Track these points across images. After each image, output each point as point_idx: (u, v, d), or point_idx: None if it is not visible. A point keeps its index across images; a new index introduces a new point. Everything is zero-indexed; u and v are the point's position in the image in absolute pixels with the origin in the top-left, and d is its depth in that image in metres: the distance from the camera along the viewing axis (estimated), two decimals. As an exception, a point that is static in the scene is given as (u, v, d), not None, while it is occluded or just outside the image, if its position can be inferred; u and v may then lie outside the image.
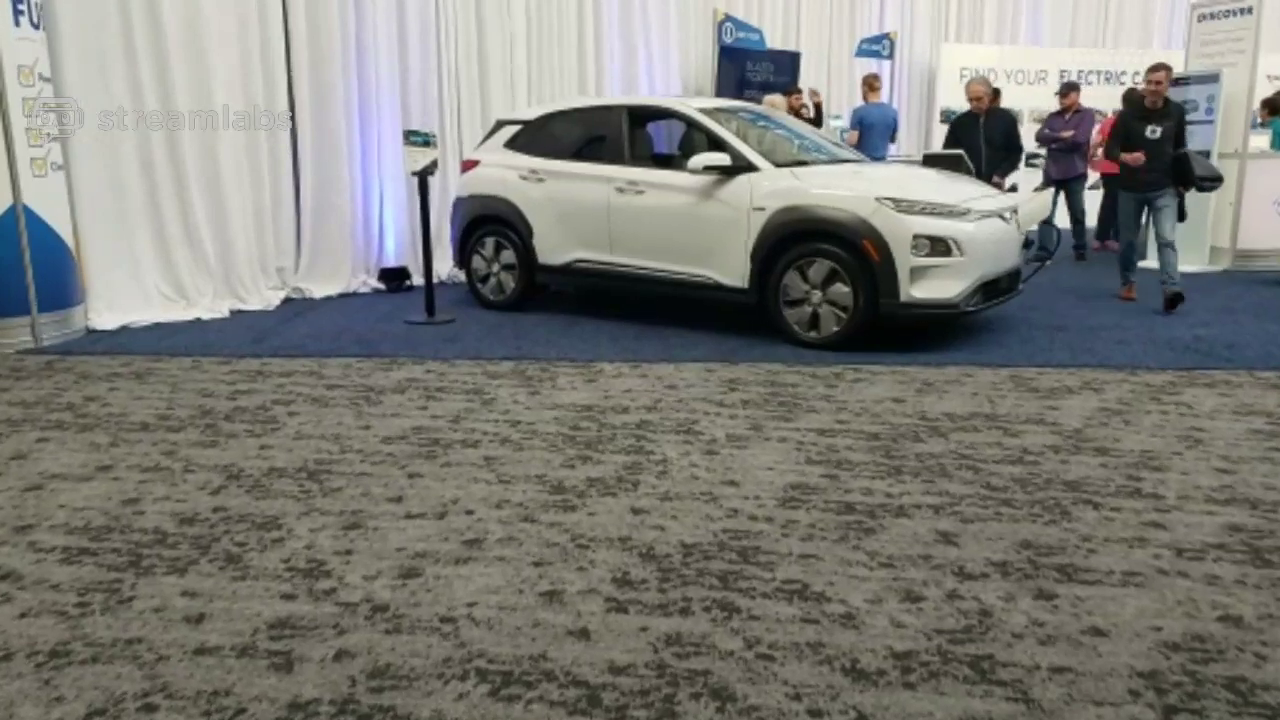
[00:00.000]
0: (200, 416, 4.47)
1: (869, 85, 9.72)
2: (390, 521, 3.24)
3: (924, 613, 2.57)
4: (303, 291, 7.73)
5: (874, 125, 9.47)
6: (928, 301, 5.45)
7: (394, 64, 8.10)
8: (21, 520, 3.27)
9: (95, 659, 2.38)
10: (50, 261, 5.97)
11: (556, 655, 2.38)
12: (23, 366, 5.46)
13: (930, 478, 3.61)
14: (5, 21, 5.59)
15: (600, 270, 6.65)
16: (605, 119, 6.78)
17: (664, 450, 3.94)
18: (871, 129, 9.45)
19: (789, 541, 3.04)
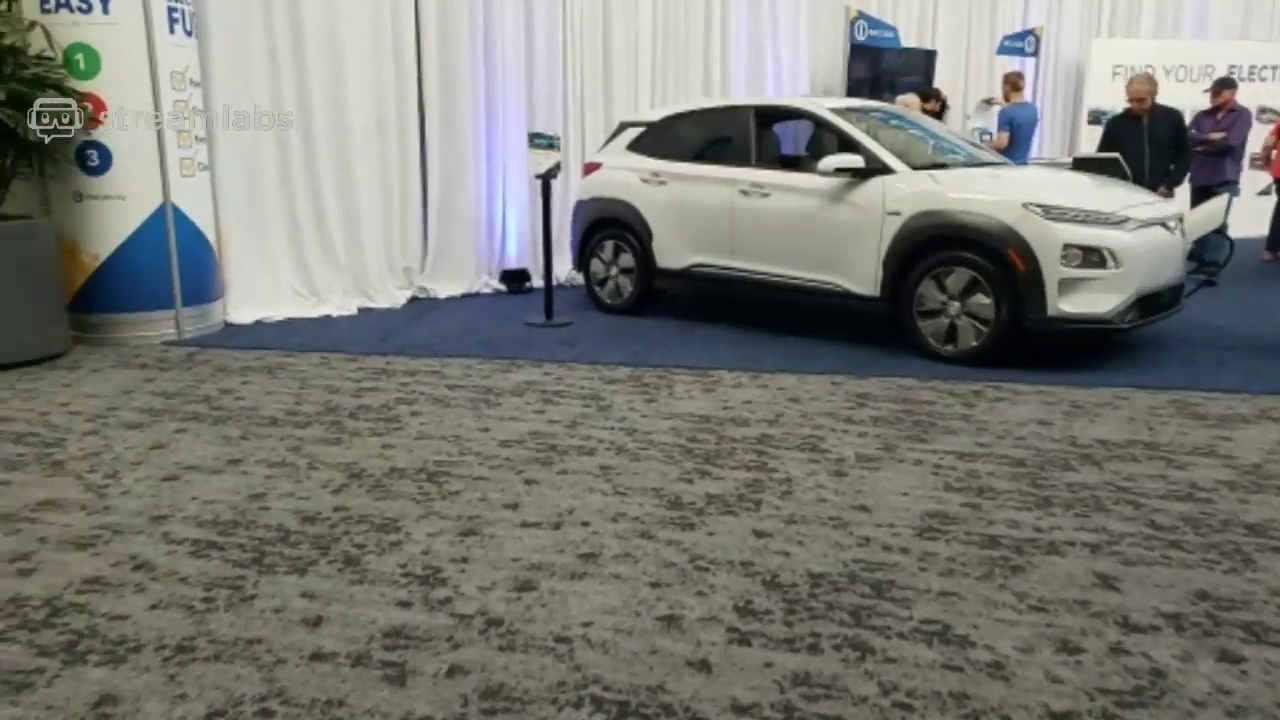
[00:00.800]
0: (326, 413, 4.53)
1: (1012, 84, 9.27)
2: (506, 529, 3.18)
3: (1084, 667, 2.34)
4: (427, 291, 7.84)
5: (1023, 126, 9.03)
6: (1078, 316, 5.10)
7: (520, 67, 8.15)
8: (158, 510, 3.34)
9: (217, 657, 2.38)
10: (194, 258, 6.20)
11: (675, 687, 2.26)
12: (166, 358, 5.67)
13: (1084, 511, 3.33)
14: (161, 29, 5.83)
15: (721, 275, 6.50)
16: (731, 120, 6.63)
17: (788, 468, 3.77)
18: (1020, 130, 9.00)
19: (927, 576, 2.83)
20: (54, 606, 2.64)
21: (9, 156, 5.47)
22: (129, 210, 5.89)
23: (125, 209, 5.88)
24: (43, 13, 5.59)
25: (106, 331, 5.99)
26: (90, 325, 5.99)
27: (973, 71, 11.09)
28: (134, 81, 5.77)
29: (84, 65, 5.66)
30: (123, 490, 3.53)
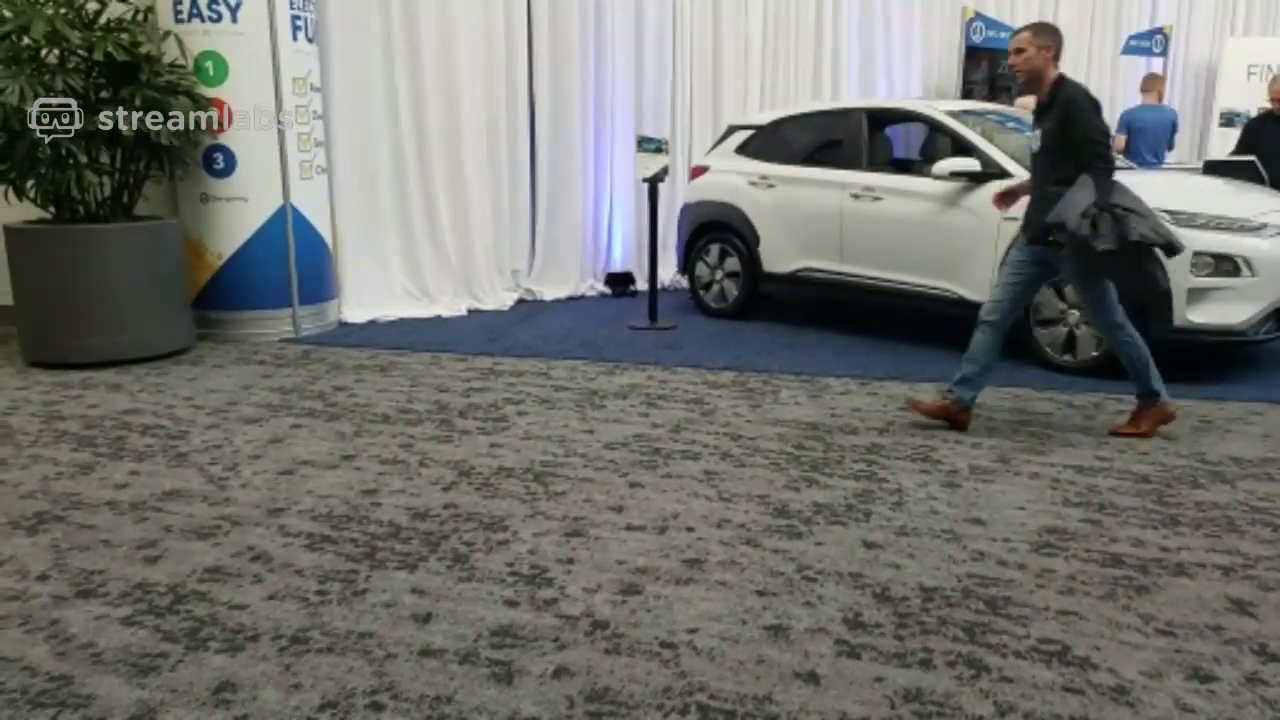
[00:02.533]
0: (436, 411, 4.62)
1: (1142, 86, 8.87)
2: (611, 532, 3.18)
3: (1217, 697, 2.20)
4: (534, 293, 7.94)
5: (1144, 129, 8.61)
6: (1208, 327, 4.84)
7: (630, 70, 8.19)
8: (274, 503, 3.45)
9: (330, 649, 2.44)
10: (312, 258, 6.41)
11: (782, 698, 2.21)
12: (284, 355, 5.87)
13: (1215, 532, 3.15)
14: (285, 36, 6.05)
15: (829, 280, 6.40)
16: (841, 123, 6.53)
17: (898, 479, 3.67)
18: (1141, 133, 8.59)
19: (1045, 594, 2.71)
20: (178, 594, 2.75)
21: (143, 160, 5.75)
22: (251, 211, 6.13)
23: (247, 210, 6.13)
24: (176, 23, 5.88)
25: (228, 328, 6.24)
26: (213, 322, 6.25)
27: (1095, 73, 10.66)
28: (258, 87, 6.01)
29: (213, 72, 5.93)
30: (242, 483, 3.66)
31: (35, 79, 5.15)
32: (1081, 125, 3.91)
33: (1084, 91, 3.99)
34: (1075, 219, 3.78)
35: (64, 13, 5.30)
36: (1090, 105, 3.93)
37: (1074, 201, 3.84)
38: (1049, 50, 4.04)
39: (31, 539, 3.13)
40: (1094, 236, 3.75)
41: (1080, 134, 3.91)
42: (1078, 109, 3.92)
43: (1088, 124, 3.90)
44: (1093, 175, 3.86)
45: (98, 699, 2.22)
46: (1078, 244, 3.79)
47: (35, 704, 2.20)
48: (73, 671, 2.34)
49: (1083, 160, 3.91)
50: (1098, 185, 3.83)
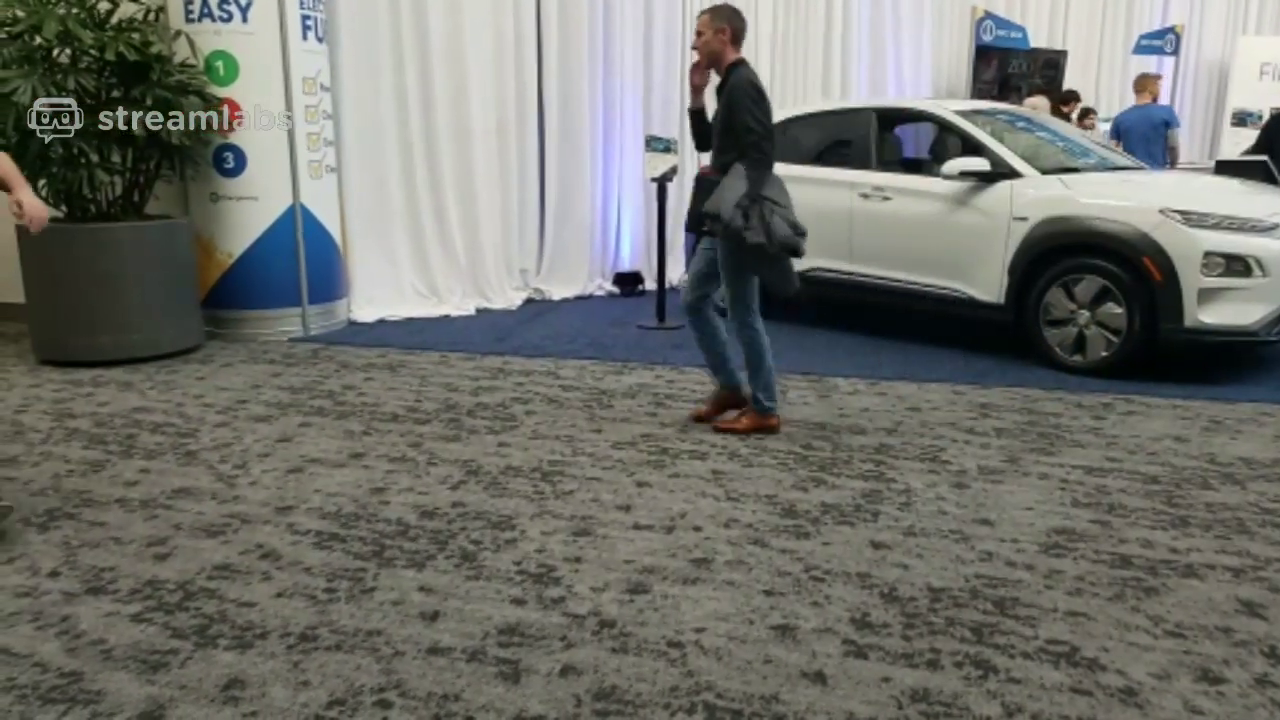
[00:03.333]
0: (445, 410, 4.63)
1: (1134, 86, 8.81)
2: (619, 531, 3.18)
3: (1227, 699, 2.19)
4: (542, 293, 7.95)
5: (1130, 130, 8.57)
6: (1219, 328, 4.82)
7: (639, 70, 8.19)
8: (283, 501, 3.46)
9: (339, 647, 2.45)
10: (321, 257, 6.43)
11: (790, 698, 2.21)
12: (293, 354, 5.89)
13: (1225, 533, 3.13)
14: (295, 36, 6.07)
15: (838, 280, 6.39)
16: (850, 122, 6.52)
17: (907, 479, 3.67)
18: (1128, 135, 8.55)
19: (1053, 595, 2.71)
20: (187, 591, 2.76)
21: (154, 159, 5.78)
22: (261, 211, 6.15)
23: (257, 209, 6.15)
24: (187, 22, 5.90)
25: (237, 327, 6.26)
26: (222, 321, 6.27)
27: (1105, 72, 10.62)
28: (269, 87, 6.03)
29: (223, 72, 5.95)
30: (251, 481, 3.68)
31: (47, 79, 5.18)
32: (740, 113, 3.85)
33: (749, 79, 3.89)
34: (729, 210, 3.80)
35: (76, 13, 5.32)
36: (752, 94, 3.84)
37: (726, 192, 3.85)
38: (724, 33, 3.99)
39: (43, 536, 3.15)
40: (745, 228, 3.77)
41: (739, 122, 3.85)
42: (739, 96, 3.85)
43: (747, 112, 3.82)
44: (747, 165, 3.85)
45: (108, 695, 2.23)
46: (730, 234, 3.82)
47: (46, 700, 2.21)
48: (83, 668, 2.35)
49: (742, 149, 3.88)
50: (751, 176, 3.83)
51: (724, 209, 3.81)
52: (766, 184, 3.84)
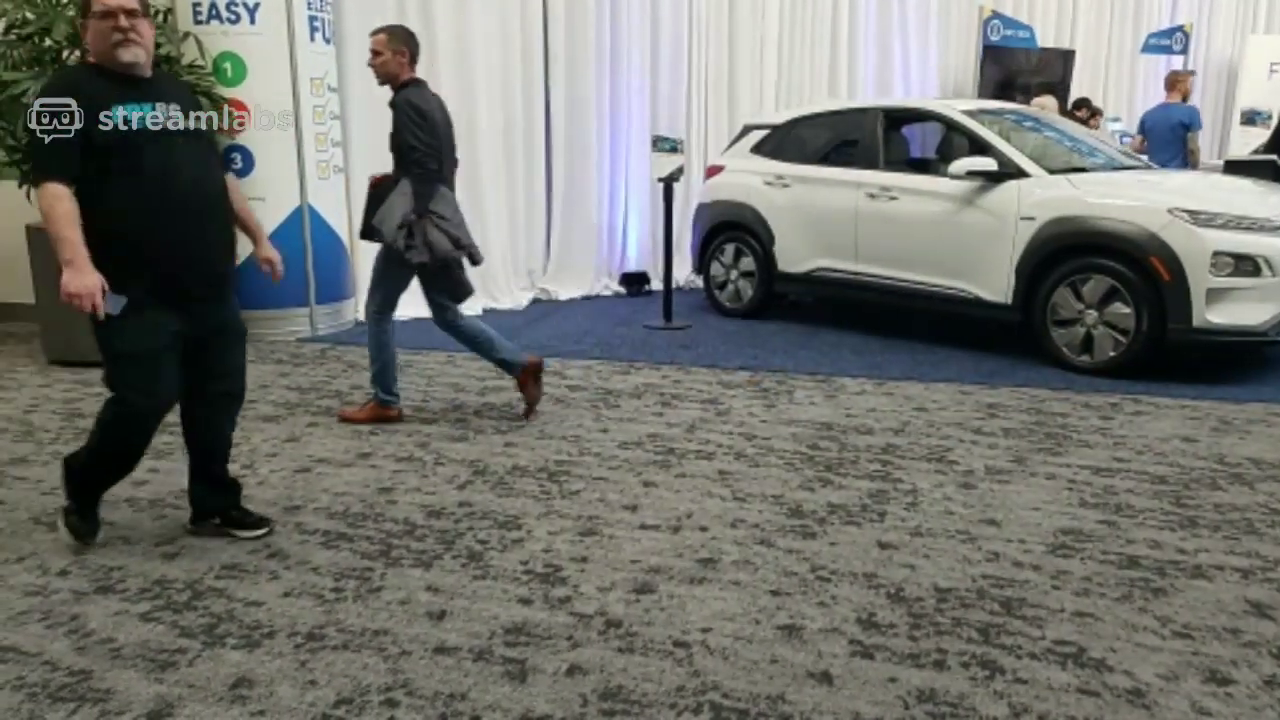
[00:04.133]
0: (452, 410, 4.64)
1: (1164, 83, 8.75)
2: (625, 531, 3.18)
3: (1235, 700, 2.19)
4: (549, 293, 7.96)
5: (1153, 129, 8.54)
6: (1227, 328, 4.80)
7: (645, 70, 8.19)
8: (291, 501, 3.47)
9: (346, 646, 2.45)
10: (329, 258, 6.45)
11: (796, 698, 2.21)
12: (300, 353, 5.91)
13: (1234, 534, 3.12)
14: (302, 37, 6.09)
15: (844, 280, 6.39)
16: (858, 122, 6.51)
17: (913, 479, 3.66)
18: (1150, 134, 8.52)
19: (1060, 595, 2.70)
20: (195, 590, 2.77)
21: (163, 161, 5.79)
22: (268, 211, 6.14)
23: (265, 210, 6.13)
24: (195, 24, 5.92)
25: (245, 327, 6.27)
26: (232, 321, 6.28)
27: (1113, 72, 10.59)
28: (276, 88, 6.05)
29: (231, 73, 5.97)
30: (259, 480, 3.69)
31: (56, 80, 5.19)
32: (401, 132, 4.04)
33: (408, 100, 4.05)
34: (392, 229, 4.04)
35: (85, 14, 5.35)
36: (413, 114, 4.00)
37: (392, 209, 4.06)
38: (403, 55, 4.16)
39: (52, 535, 3.16)
40: (409, 248, 4.03)
41: (402, 141, 4.04)
42: (400, 116, 4.04)
43: (408, 131, 4.01)
44: (411, 181, 4.04)
45: (116, 693, 2.24)
46: (394, 252, 4.10)
47: (55, 698, 2.22)
48: (92, 666, 2.36)
49: (405, 166, 4.07)
50: (416, 192, 4.02)
51: (386, 228, 4.07)
52: (433, 199, 4.05)
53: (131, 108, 2.75)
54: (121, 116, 2.72)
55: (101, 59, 2.79)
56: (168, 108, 2.83)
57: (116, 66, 2.78)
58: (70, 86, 2.73)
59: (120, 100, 2.74)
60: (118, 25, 2.72)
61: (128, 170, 2.73)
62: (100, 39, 2.75)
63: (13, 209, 5.90)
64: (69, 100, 2.67)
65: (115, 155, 2.71)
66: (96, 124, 2.69)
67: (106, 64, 2.78)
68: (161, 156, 2.79)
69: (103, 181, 2.72)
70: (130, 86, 2.79)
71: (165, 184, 2.78)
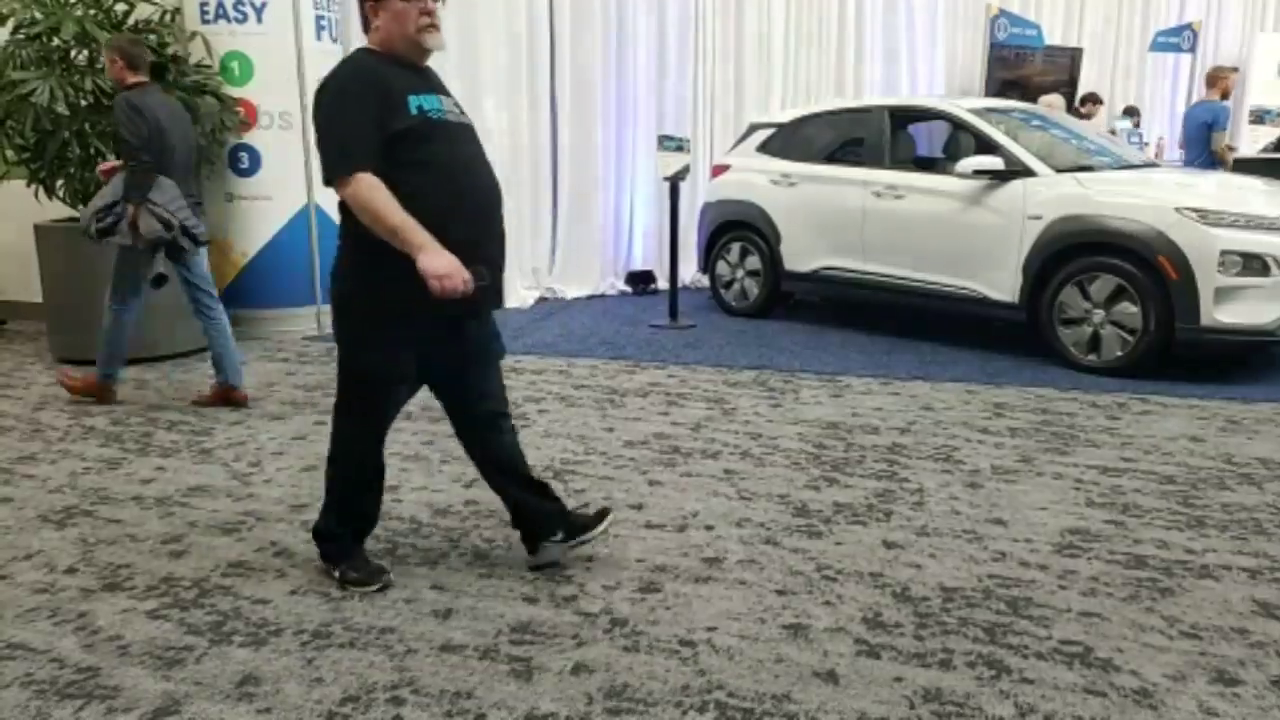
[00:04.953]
0: (457, 409, 4.63)
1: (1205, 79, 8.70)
2: (630, 530, 3.18)
3: (1242, 700, 2.18)
4: (555, 292, 7.96)
5: (1186, 127, 8.52)
6: (1236, 328, 4.79)
7: (651, 69, 8.19)
8: (297, 499, 3.48)
9: (352, 644, 2.46)
10: (335, 256, 6.45)
11: (801, 697, 2.21)
12: (307, 352, 5.92)
13: (1242, 534, 3.11)
14: (309, 36, 6.10)
15: (851, 279, 6.38)
16: (864, 121, 6.51)
17: (920, 479, 3.66)
18: (1185, 131, 8.50)
19: (1067, 595, 2.70)
20: (202, 588, 2.78)
21: (170, 160, 5.81)
22: (275, 210, 6.18)
23: (272, 209, 6.18)
24: (203, 23, 5.94)
25: (252, 326, 6.29)
26: (237, 320, 6.22)
27: (1121, 70, 10.55)
28: (283, 87, 6.06)
29: (238, 72, 5.99)
30: (265, 479, 3.70)
31: (65, 79, 5.21)
32: (118, 128, 4.37)
33: (129, 100, 4.33)
34: (89, 215, 4.43)
35: (93, 14, 5.37)
36: (127, 110, 4.30)
37: (98, 197, 4.48)
38: (118, 62, 4.47)
39: (60, 533, 3.18)
40: (113, 231, 4.37)
41: (120, 136, 4.37)
42: (115, 113, 4.39)
43: (122, 126, 4.32)
44: (127, 173, 4.36)
45: (124, 690, 2.25)
46: (88, 237, 4.43)
47: (63, 695, 2.23)
48: (100, 663, 2.37)
49: (125, 159, 4.41)
50: (128, 181, 4.34)
51: (85, 215, 4.49)
52: (151, 188, 4.33)
53: (423, 97, 2.54)
54: (416, 105, 2.52)
55: (396, 44, 2.56)
56: (446, 100, 2.63)
57: (412, 53, 2.59)
58: (370, 73, 2.52)
59: (412, 89, 2.54)
60: (426, 9, 2.54)
61: (421, 164, 2.51)
62: (403, 22, 2.53)
63: (21, 208, 5.93)
64: (371, 88, 2.47)
65: (409, 148, 2.49)
66: (396, 114, 2.48)
67: (398, 50, 2.57)
68: (453, 150, 2.60)
69: (394, 177, 2.47)
70: (416, 75, 2.60)
71: (457, 179, 2.59)
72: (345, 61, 2.57)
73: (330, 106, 2.49)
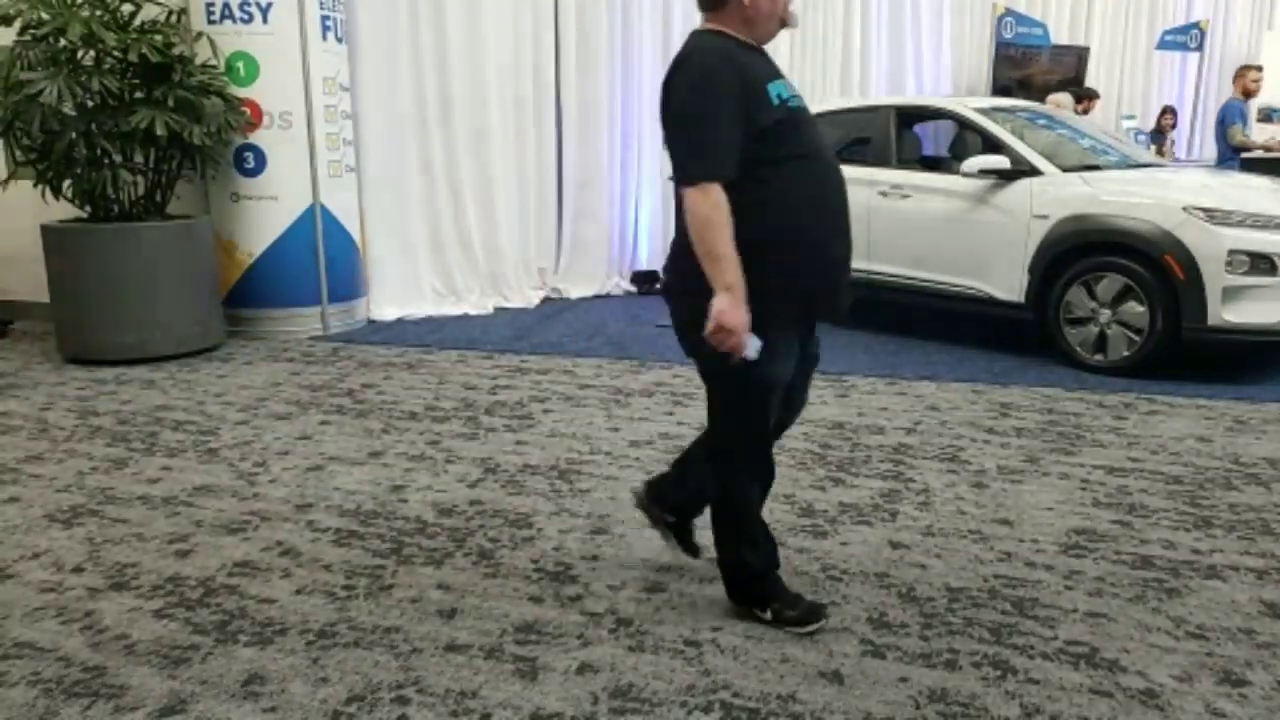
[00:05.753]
0: (463, 409, 4.64)
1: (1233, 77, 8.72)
2: (636, 530, 3.18)
3: (1249, 701, 2.17)
4: (560, 292, 7.96)
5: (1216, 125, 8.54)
6: (1243, 327, 4.77)
7: (657, 69, 8.16)
8: (303, 499, 3.49)
9: (357, 643, 2.46)
10: (340, 257, 6.47)
11: (807, 698, 2.20)
12: (313, 352, 5.93)
13: (1249, 534, 3.10)
14: (315, 36, 6.11)
15: (856, 278, 6.30)
16: (870, 120, 6.49)
17: (925, 479, 3.65)
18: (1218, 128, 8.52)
19: (1073, 595, 2.69)
20: (208, 587, 2.79)
21: (176, 159, 5.83)
22: (281, 210, 6.19)
23: (277, 209, 6.19)
24: (208, 24, 5.95)
25: (258, 326, 6.31)
26: (243, 320, 6.32)
27: (1128, 69, 10.52)
28: (288, 87, 6.07)
29: (244, 72, 5.99)
30: (271, 478, 3.70)
31: (72, 80, 5.23)
32: None
33: None
34: None
35: (100, 15, 5.38)
36: None
37: None
38: None
39: (67, 532, 3.19)
40: None
41: None
42: None
43: None
44: None
45: (130, 689, 2.25)
46: None
47: (70, 694, 2.24)
48: (106, 662, 2.38)
49: None
50: None
51: None
52: None
53: (779, 84, 2.27)
54: (776, 94, 2.24)
55: (756, 24, 2.30)
56: (790, 84, 2.34)
57: (766, 35, 2.33)
58: (734, 60, 2.22)
59: (769, 76, 2.26)
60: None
61: (788, 158, 2.25)
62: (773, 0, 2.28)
63: (28, 208, 5.95)
64: (737, 78, 2.18)
65: (776, 142, 2.23)
66: (761, 106, 2.21)
67: (756, 31, 2.31)
68: (815, 141, 2.33)
69: (759, 173, 2.22)
70: (765, 60, 2.33)
71: (823, 172, 2.32)
72: (703, 47, 2.26)
73: (695, 98, 2.20)
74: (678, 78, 2.26)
